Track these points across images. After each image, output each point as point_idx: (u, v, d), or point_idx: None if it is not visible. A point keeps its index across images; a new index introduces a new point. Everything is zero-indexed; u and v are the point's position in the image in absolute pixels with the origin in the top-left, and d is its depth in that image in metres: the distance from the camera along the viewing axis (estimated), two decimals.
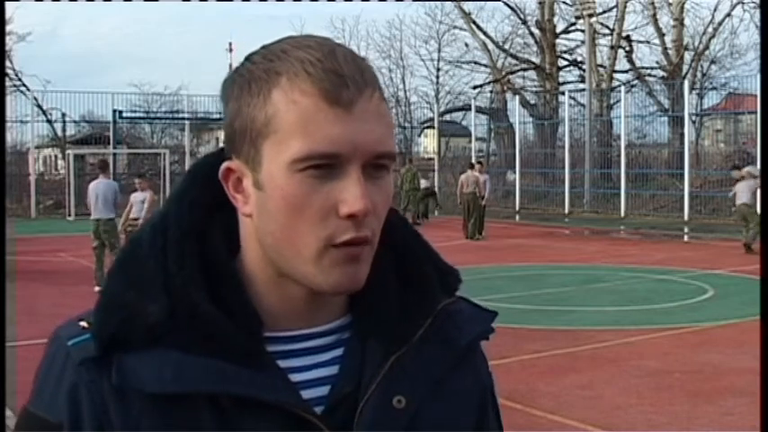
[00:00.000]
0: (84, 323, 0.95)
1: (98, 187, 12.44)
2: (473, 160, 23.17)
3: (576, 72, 35.34)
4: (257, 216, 0.93)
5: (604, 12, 32.93)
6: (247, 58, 0.94)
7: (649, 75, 32.61)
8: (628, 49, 32.86)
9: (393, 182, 0.96)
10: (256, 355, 0.93)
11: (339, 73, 0.89)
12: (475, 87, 36.71)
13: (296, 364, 0.96)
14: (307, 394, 0.95)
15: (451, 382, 1.02)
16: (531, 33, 35.64)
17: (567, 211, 27.80)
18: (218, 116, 33.22)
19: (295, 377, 0.96)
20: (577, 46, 34.86)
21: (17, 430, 0.97)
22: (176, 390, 0.89)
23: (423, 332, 1.00)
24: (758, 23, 26.77)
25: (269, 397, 0.91)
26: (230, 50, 42.60)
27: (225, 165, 0.95)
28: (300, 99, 0.89)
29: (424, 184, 26.32)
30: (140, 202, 12.77)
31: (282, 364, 0.95)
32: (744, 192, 16.15)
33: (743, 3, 30.56)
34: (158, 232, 0.97)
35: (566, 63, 35.79)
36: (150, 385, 0.89)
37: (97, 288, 11.51)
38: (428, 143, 39.59)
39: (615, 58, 32.98)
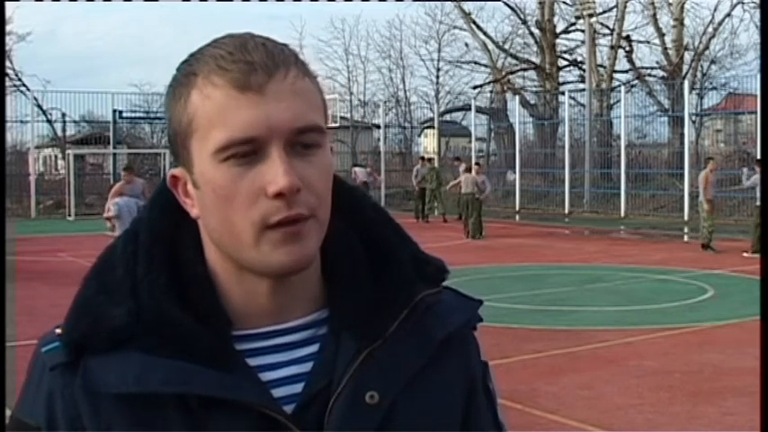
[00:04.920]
0: (59, 330, 0.97)
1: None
2: (473, 162, 23.16)
3: (576, 72, 35.35)
4: (202, 215, 0.95)
5: (604, 12, 32.94)
6: (177, 68, 0.97)
7: (649, 75, 32.59)
8: (628, 49, 32.84)
9: (330, 158, 0.96)
10: (223, 355, 0.94)
11: (248, 61, 0.91)
12: (475, 87, 36.75)
13: (267, 362, 0.97)
14: (279, 392, 0.95)
15: (432, 374, 1.00)
16: (531, 33, 35.66)
17: (567, 211, 27.78)
18: None
19: (267, 375, 0.96)
20: (577, 46, 34.86)
21: None
22: (138, 390, 0.91)
23: (398, 325, 0.99)
24: (758, 23, 26.79)
25: (234, 396, 0.92)
26: None
27: (170, 173, 0.97)
28: (213, 92, 0.91)
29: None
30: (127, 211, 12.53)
31: (252, 362, 0.96)
32: None
33: (743, 3, 30.58)
34: (130, 238, 0.99)
35: (566, 63, 35.80)
36: (114, 386, 0.91)
37: None
38: (428, 143, 39.58)
39: (615, 58, 32.96)
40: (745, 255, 15.10)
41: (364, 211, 1.05)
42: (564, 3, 34.73)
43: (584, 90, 31.58)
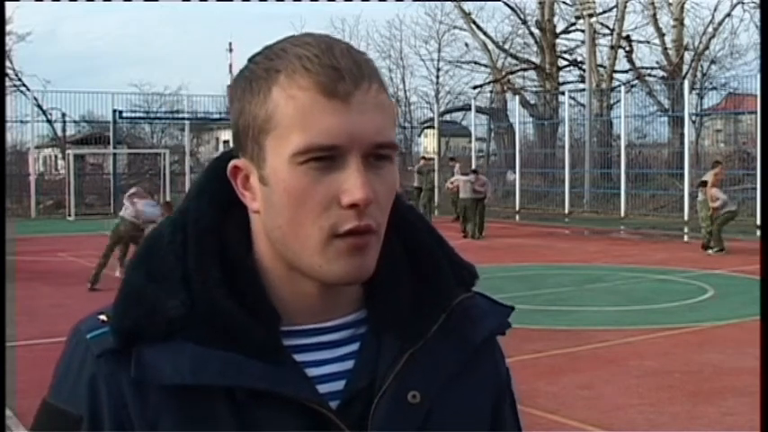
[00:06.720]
0: (103, 317, 0.97)
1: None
2: (472, 163, 23.15)
3: (576, 72, 35.34)
4: (264, 211, 0.95)
5: (604, 12, 32.94)
6: (250, 60, 0.97)
7: (649, 75, 32.59)
8: (628, 49, 32.85)
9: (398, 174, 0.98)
10: (273, 350, 0.94)
11: (336, 67, 0.91)
12: (475, 87, 36.74)
13: (311, 359, 0.98)
14: (322, 389, 0.96)
15: (467, 377, 1.03)
16: (531, 33, 35.65)
17: (567, 211, 27.78)
18: (218, 116, 33.23)
19: (311, 372, 0.97)
20: (577, 46, 34.86)
21: (36, 422, 0.98)
22: (194, 382, 0.91)
23: (438, 328, 1.01)
24: (758, 23, 26.79)
25: (285, 390, 0.93)
26: (230, 50, 42.67)
27: (232, 163, 0.97)
28: (298, 94, 0.91)
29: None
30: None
31: (298, 358, 0.97)
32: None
33: (743, 3, 30.59)
34: (178, 228, 0.99)
35: (566, 63, 35.79)
36: (169, 377, 0.91)
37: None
38: (428, 143, 39.59)
39: (615, 58, 32.96)
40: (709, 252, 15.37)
41: (402, 213, 1.05)
42: (564, 3, 34.77)
43: (584, 90, 31.58)
